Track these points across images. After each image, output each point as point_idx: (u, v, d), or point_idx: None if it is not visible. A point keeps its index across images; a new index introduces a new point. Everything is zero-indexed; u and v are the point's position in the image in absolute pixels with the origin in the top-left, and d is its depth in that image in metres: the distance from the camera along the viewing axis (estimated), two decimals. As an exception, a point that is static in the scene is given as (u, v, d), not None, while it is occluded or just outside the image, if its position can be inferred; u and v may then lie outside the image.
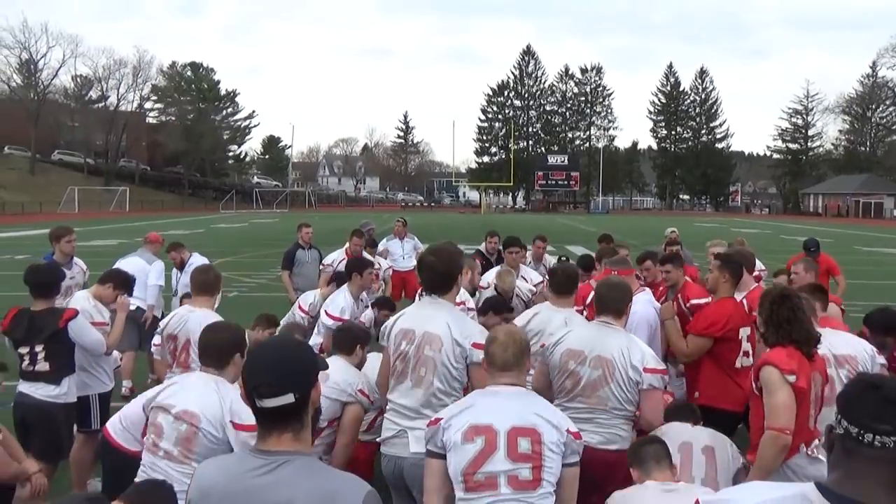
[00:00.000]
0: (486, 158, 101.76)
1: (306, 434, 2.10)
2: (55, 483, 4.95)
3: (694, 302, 5.80)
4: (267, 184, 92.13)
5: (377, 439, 4.19)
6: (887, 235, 38.01)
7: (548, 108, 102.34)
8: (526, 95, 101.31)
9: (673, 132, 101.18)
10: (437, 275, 4.08)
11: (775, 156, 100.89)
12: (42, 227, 29.75)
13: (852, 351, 4.55)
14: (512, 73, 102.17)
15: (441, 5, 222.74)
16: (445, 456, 3.19)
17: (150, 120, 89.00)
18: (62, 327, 5.00)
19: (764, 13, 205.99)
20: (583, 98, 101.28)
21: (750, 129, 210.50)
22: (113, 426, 4.41)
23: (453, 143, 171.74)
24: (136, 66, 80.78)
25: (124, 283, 5.95)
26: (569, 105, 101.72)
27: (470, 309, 6.10)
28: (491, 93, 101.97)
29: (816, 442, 3.73)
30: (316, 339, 6.22)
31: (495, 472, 3.09)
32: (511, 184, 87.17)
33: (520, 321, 5.16)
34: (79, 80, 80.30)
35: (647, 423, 4.02)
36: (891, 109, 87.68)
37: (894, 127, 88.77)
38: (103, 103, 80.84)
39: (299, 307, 7.08)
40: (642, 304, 5.54)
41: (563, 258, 8.61)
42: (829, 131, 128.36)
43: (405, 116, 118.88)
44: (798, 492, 1.77)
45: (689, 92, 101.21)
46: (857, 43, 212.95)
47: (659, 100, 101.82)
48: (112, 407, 6.72)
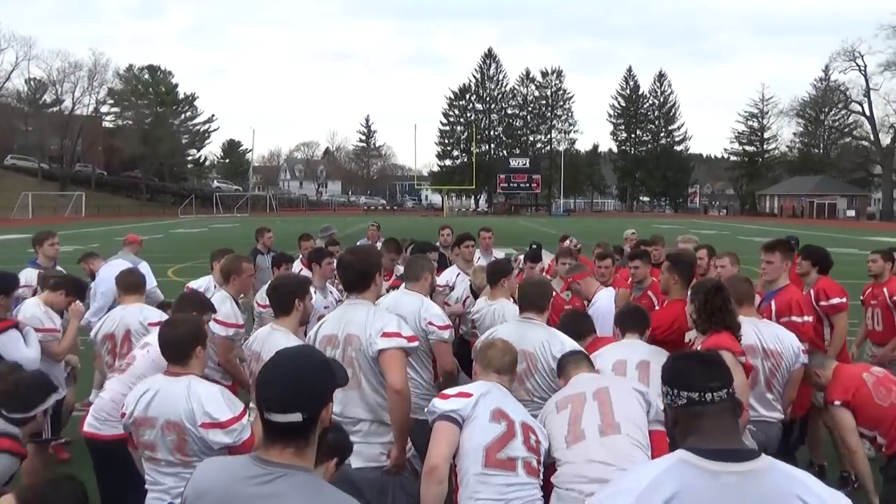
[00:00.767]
0: (448, 162, 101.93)
1: (310, 451, 2.07)
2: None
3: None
4: (227, 188, 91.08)
5: None
6: (841, 235, 38.90)
7: (509, 111, 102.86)
8: (487, 99, 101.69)
9: (633, 135, 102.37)
10: (356, 273, 4.15)
11: (732, 158, 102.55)
12: (-6, 233, 29.08)
13: (780, 347, 4.72)
14: (473, 76, 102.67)
15: (402, 8, 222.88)
16: (461, 426, 3.31)
17: (106, 124, 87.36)
18: None
19: (721, 18, 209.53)
20: (544, 101, 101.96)
21: (707, 131, 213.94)
22: (90, 426, 4.40)
23: (415, 147, 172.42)
24: (92, 69, 79.68)
25: (76, 288, 5.83)
26: (530, 108, 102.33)
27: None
28: (452, 96, 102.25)
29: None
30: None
31: (516, 456, 3.30)
32: (473, 187, 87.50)
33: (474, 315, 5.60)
34: (32, 83, 78.92)
35: None
36: (843, 112, 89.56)
37: (846, 129, 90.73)
38: (58, 107, 79.55)
39: (258, 304, 6.93)
40: (606, 300, 5.83)
41: (535, 245, 9.03)
42: (784, 134, 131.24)
43: (367, 120, 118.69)
44: (675, 460, 2.04)
45: (649, 95, 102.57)
46: (810, 47, 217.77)
47: (619, 103, 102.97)
48: (75, 416, 6.63)
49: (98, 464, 4.45)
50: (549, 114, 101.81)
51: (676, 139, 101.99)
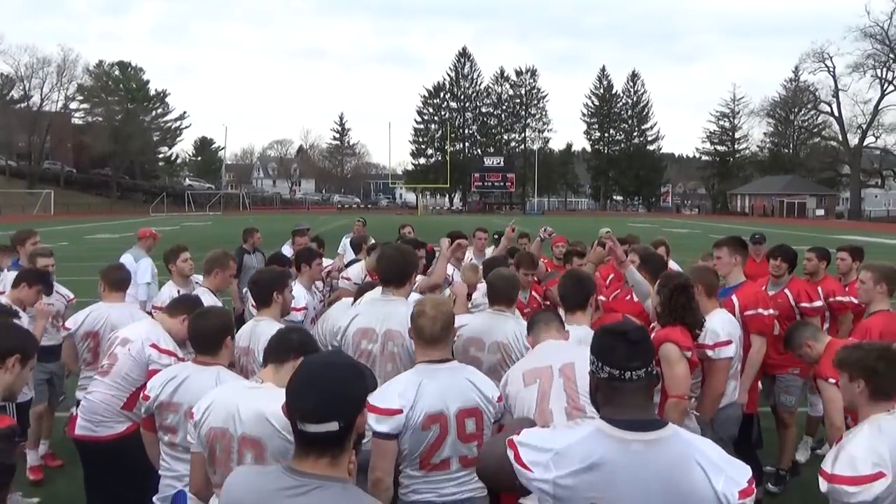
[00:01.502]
0: (422, 160, 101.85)
1: (344, 460, 2.04)
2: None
3: None
4: (199, 186, 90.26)
5: None
6: (811, 234, 39.41)
7: (483, 109, 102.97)
8: (462, 97, 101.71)
9: (606, 134, 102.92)
10: (399, 268, 4.37)
11: (704, 157, 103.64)
12: (-40, 231, 28.41)
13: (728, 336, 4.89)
14: (448, 74, 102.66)
15: (376, 6, 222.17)
16: (398, 438, 3.30)
17: (75, 121, 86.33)
18: None
19: (693, 19, 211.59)
20: (518, 100, 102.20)
21: (680, 131, 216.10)
22: (83, 428, 4.47)
23: (389, 145, 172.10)
24: (61, 65, 78.58)
25: (38, 278, 5.63)
26: (504, 107, 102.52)
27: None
28: (427, 94, 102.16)
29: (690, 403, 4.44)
30: None
31: (449, 456, 3.38)
32: (448, 185, 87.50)
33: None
34: (-1, 78, 77.45)
35: None
36: (812, 113, 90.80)
37: (815, 130, 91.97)
38: (26, 103, 78.18)
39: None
40: None
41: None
42: (755, 134, 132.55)
43: (341, 118, 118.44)
44: (593, 428, 2.25)
45: (622, 95, 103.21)
46: (780, 49, 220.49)
47: (592, 102, 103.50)
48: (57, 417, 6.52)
49: (96, 465, 4.50)
50: (523, 113, 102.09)
51: (649, 139, 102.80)
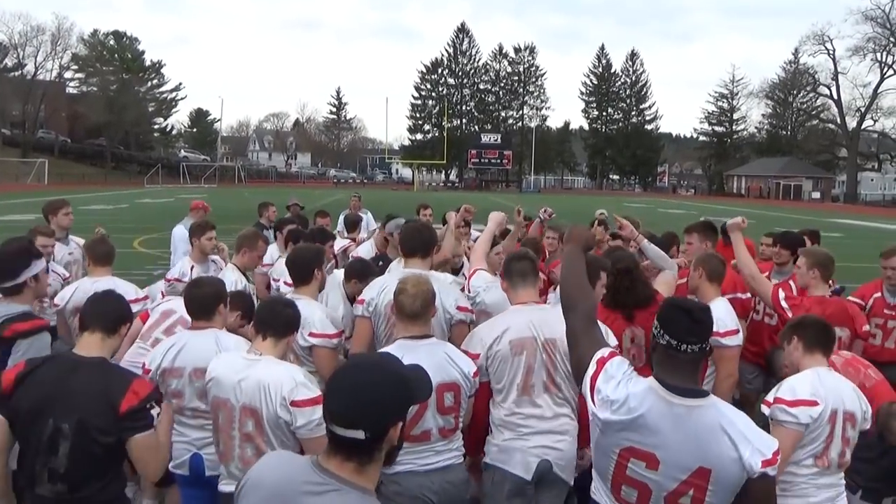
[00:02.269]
0: (419, 136, 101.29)
1: (373, 469, 1.98)
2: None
3: None
4: (195, 158, 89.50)
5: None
6: (807, 217, 39.46)
7: (481, 86, 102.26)
8: (460, 73, 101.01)
9: (604, 113, 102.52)
10: (423, 242, 4.52)
11: (701, 138, 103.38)
12: (-47, 200, 28.26)
13: None
14: (446, 50, 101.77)
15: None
16: None
17: (70, 90, 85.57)
18: None
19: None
20: (516, 77, 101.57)
21: (677, 111, 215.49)
22: None
23: (386, 120, 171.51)
24: (55, 34, 77.80)
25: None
26: (502, 84, 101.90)
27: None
28: (425, 70, 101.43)
29: None
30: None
31: (429, 428, 3.57)
32: (444, 161, 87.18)
33: None
34: (-7, 46, 76.62)
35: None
36: (811, 95, 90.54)
37: (814, 112, 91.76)
38: (20, 72, 77.49)
39: (272, 279, 6.76)
40: None
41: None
42: (753, 115, 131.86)
43: (338, 92, 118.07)
44: (647, 385, 2.63)
45: (620, 74, 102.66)
46: (780, 30, 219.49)
47: (591, 81, 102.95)
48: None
49: None
50: (521, 90, 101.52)
51: (647, 118, 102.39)
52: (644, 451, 2.59)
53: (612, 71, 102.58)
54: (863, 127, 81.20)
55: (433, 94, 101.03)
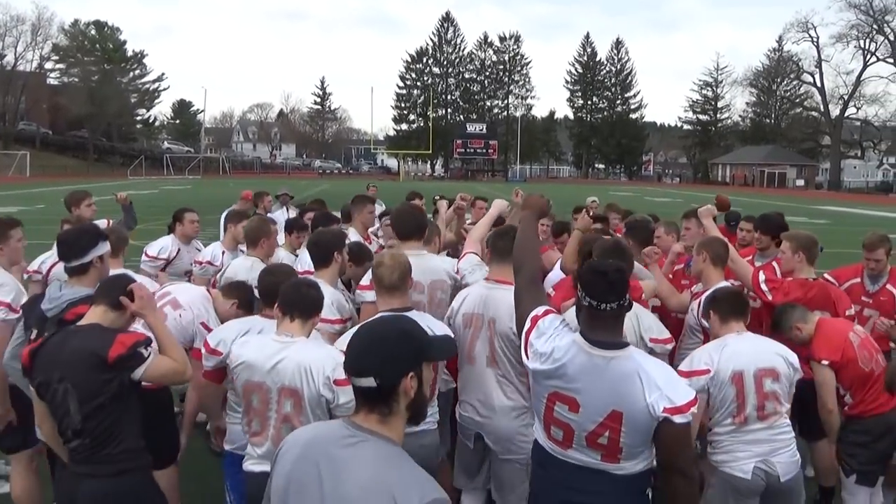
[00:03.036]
0: (404, 126, 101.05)
1: (395, 421, 2.13)
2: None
3: None
4: (178, 149, 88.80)
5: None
6: (791, 204, 39.65)
7: (466, 75, 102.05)
8: (445, 63, 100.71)
9: (589, 102, 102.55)
10: (414, 221, 4.75)
11: (686, 126, 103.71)
12: (-67, 193, 27.84)
13: None
14: (431, 39, 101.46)
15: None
16: None
17: (51, 81, 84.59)
18: None
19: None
20: (501, 66, 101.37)
21: (662, 100, 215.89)
22: None
23: (371, 110, 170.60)
24: (35, 24, 76.91)
25: None
26: (487, 73, 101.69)
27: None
28: (409, 59, 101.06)
29: None
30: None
31: None
32: (430, 151, 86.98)
33: None
34: (-29, 36, 75.56)
35: None
36: (795, 83, 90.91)
37: (798, 100, 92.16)
38: (-1, 62, 76.44)
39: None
40: (557, 268, 5.97)
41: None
42: (737, 103, 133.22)
43: (322, 82, 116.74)
44: (571, 339, 2.95)
45: (606, 62, 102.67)
46: (764, 17, 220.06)
47: (576, 69, 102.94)
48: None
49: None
50: (506, 79, 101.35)
51: (632, 107, 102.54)
52: (567, 396, 2.91)
53: (597, 60, 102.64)
54: (846, 115, 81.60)
55: (418, 83, 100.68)
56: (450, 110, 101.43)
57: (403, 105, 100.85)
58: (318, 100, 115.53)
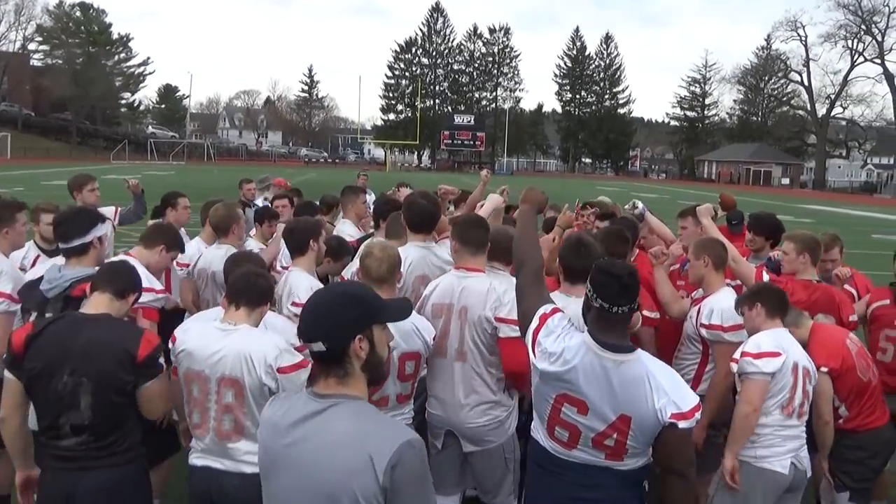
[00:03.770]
0: (392, 116, 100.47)
1: (354, 381, 2.16)
2: None
3: None
4: (163, 134, 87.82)
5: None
6: (776, 203, 39.76)
7: (455, 67, 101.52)
8: (434, 53, 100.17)
9: (577, 96, 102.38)
10: (429, 214, 4.59)
11: (673, 123, 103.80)
12: None
13: None
14: (420, 29, 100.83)
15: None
16: None
17: (34, 62, 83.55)
18: None
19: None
20: (490, 58, 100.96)
21: (650, 95, 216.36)
22: None
23: (359, 100, 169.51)
24: (19, 4, 76.14)
25: None
26: (476, 65, 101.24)
27: None
28: (398, 49, 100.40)
29: None
30: None
31: (388, 394, 3.72)
32: (417, 142, 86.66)
33: None
34: (-47, 15, 74.42)
35: None
36: (782, 81, 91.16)
37: (785, 98, 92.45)
38: (-19, 42, 75.33)
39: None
40: None
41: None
42: (725, 101, 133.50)
43: (310, 70, 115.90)
44: (581, 340, 2.92)
45: (595, 57, 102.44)
46: (753, 16, 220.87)
47: (565, 63, 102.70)
48: None
49: None
50: (495, 71, 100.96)
51: (620, 102, 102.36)
52: (576, 398, 2.89)
53: (586, 54, 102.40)
54: (832, 114, 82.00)
55: (406, 73, 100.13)
56: (438, 101, 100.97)
57: (391, 95, 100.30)
58: (306, 88, 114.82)
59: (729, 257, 4.80)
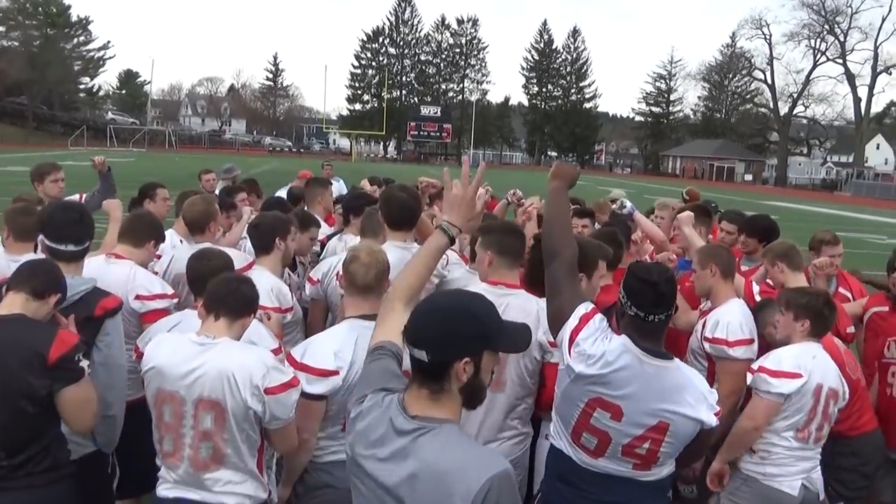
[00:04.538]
0: (358, 106, 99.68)
1: (447, 400, 1.98)
2: None
3: None
4: (123, 121, 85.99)
5: None
6: (739, 199, 40.11)
7: (423, 57, 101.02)
8: (401, 43, 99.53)
9: (544, 89, 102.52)
10: (409, 209, 4.14)
11: (638, 118, 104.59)
12: None
13: None
14: (388, 19, 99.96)
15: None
16: (327, 398, 3.10)
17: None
18: None
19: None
20: (458, 50, 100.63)
21: (616, 90, 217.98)
22: None
23: (325, 89, 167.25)
24: (-27, -17, 73.26)
25: None
26: (444, 56, 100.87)
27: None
28: (365, 39, 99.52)
29: None
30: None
31: None
32: (383, 133, 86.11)
33: None
34: None
35: None
36: (746, 79, 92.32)
37: (748, 96, 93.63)
38: (-67, 22, 72.99)
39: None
40: None
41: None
42: (689, 97, 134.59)
43: (275, 58, 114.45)
44: (621, 342, 2.77)
45: (562, 50, 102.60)
46: (718, 13, 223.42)
47: (532, 56, 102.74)
48: None
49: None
50: (462, 63, 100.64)
51: (587, 96, 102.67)
52: (611, 403, 2.74)
53: (553, 47, 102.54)
54: (794, 113, 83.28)
55: (373, 63, 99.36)
56: (405, 92, 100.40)
57: (358, 85, 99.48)
58: (271, 76, 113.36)
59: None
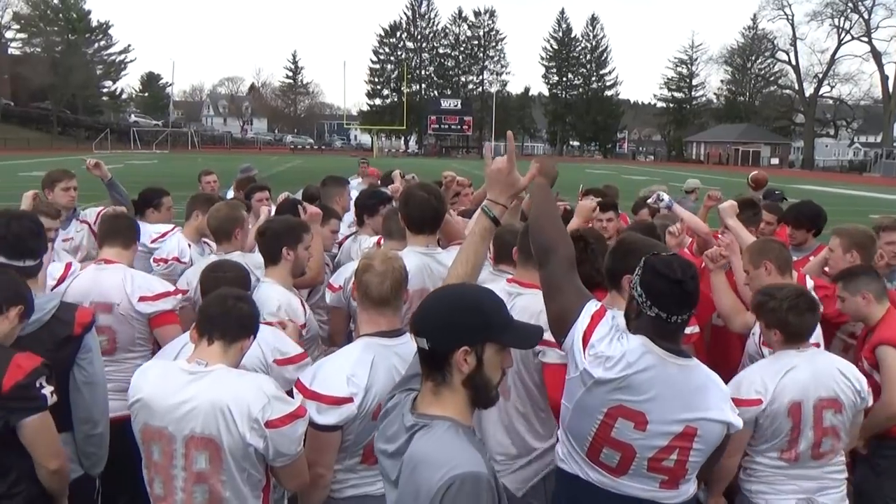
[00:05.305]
0: (378, 101, 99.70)
1: (450, 395, 1.96)
2: None
3: None
4: (146, 123, 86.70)
5: None
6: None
7: (441, 51, 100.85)
8: (419, 37, 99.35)
9: (564, 79, 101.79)
10: (433, 211, 3.85)
11: (660, 104, 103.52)
12: None
13: None
14: (405, 13, 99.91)
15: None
16: (342, 428, 2.78)
17: (12, 51, 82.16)
18: None
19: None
20: (476, 42, 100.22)
21: (637, 77, 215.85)
22: None
23: (344, 85, 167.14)
24: (-6, -9, 74.13)
25: None
26: (462, 48, 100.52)
27: None
28: (383, 34, 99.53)
29: None
30: None
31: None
32: (404, 127, 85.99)
33: None
34: (-72, 3, 73.00)
35: None
36: (769, 61, 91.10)
37: (772, 78, 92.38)
38: (-43, 31, 73.99)
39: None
40: None
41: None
42: (712, 81, 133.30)
43: (294, 56, 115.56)
44: (639, 342, 2.53)
45: (581, 39, 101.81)
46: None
47: (551, 46, 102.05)
48: None
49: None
50: (481, 54, 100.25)
51: (607, 84, 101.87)
52: (634, 411, 2.51)
53: (572, 36, 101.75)
54: (820, 93, 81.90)
55: (392, 58, 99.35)
56: (424, 86, 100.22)
57: (377, 80, 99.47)
58: (290, 74, 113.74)
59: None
